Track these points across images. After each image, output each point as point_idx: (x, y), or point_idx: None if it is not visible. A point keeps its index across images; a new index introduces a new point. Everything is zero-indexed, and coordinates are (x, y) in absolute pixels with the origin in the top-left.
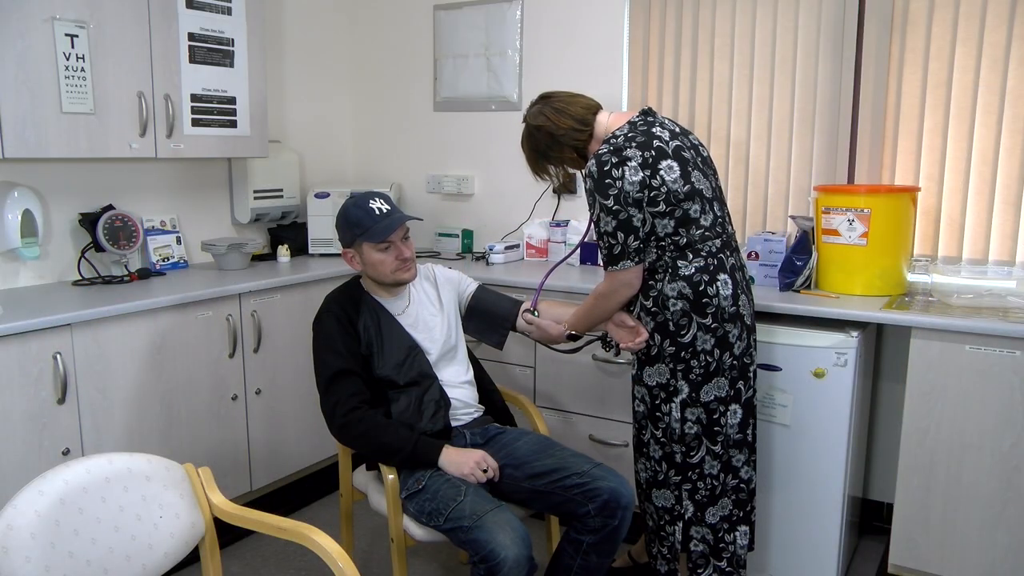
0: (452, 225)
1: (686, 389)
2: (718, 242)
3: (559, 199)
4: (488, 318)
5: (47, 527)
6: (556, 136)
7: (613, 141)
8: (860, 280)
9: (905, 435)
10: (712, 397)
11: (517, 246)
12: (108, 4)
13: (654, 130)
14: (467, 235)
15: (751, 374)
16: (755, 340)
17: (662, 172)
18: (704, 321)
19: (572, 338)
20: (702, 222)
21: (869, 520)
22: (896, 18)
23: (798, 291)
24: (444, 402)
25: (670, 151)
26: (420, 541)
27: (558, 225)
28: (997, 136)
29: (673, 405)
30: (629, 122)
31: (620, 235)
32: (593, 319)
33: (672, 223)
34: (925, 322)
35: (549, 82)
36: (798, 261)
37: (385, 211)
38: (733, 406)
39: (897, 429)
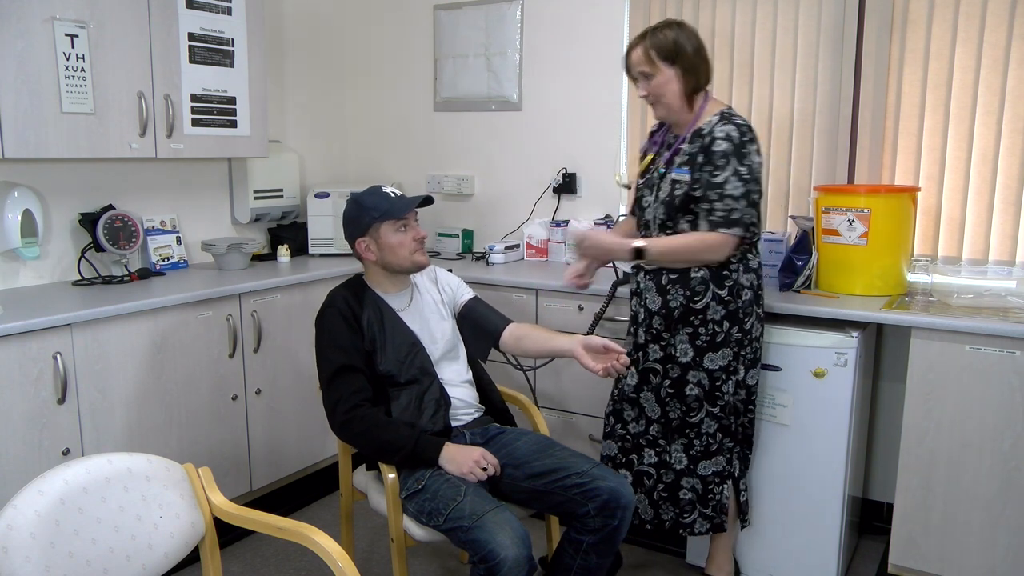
0: (452, 225)
1: (742, 372)
2: (759, 243)
3: (559, 199)
4: (476, 330)
5: (47, 527)
6: (700, 52)
7: (742, 119)
8: (860, 280)
9: (905, 435)
10: (755, 381)
11: (517, 246)
12: (108, 4)
13: None
14: (467, 235)
15: None
16: None
17: (760, 163)
18: (759, 311)
19: (635, 260)
20: (760, 224)
21: (869, 520)
22: (896, 18)
23: (798, 291)
24: (444, 401)
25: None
26: (420, 541)
27: (558, 225)
28: (997, 136)
29: (729, 383)
30: (730, 108)
31: (743, 202)
32: (677, 255)
33: (757, 216)
34: (925, 322)
35: (549, 82)
36: (798, 261)
37: (399, 194)
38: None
39: (897, 429)
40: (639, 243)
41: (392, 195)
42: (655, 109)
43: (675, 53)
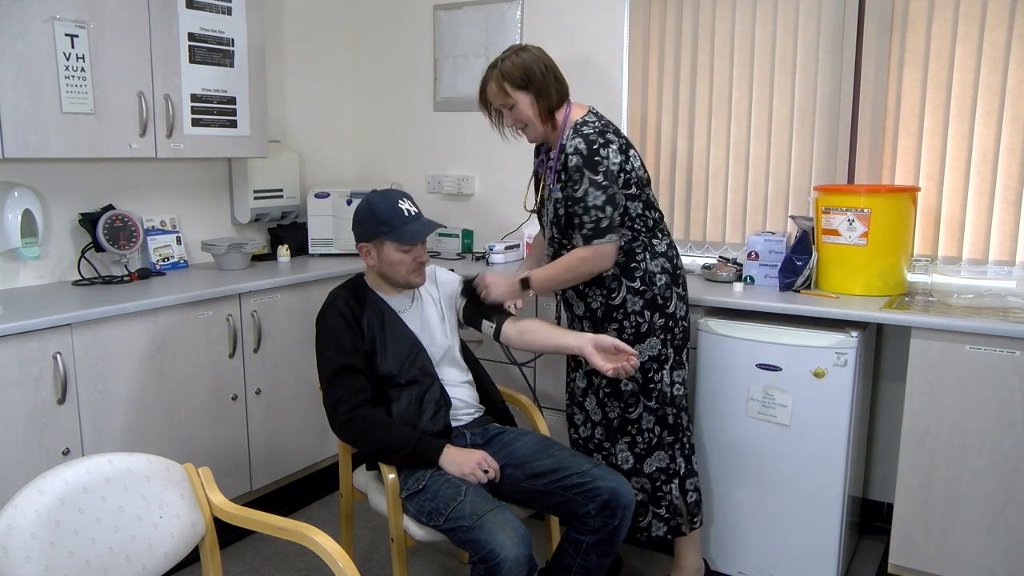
0: (452, 225)
1: (672, 355)
2: (664, 223)
3: None
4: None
5: (47, 527)
6: (551, 71)
7: (594, 124)
8: (860, 280)
9: (905, 435)
10: (687, 358)
11: (517, 246)
12: (108, 4)
13: (611, 122)
14: (467, 235)
15: None
16: None
17: (631, 159)
18: (679, 291)
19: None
20: (656, 205)
21: (869, 520)
22: (896, 18)
23: (798, 291)
24: (444, 401)
25: (629, 142)
26: (420, 541)
27: None
28: (997, 136)
29: (664, 372)
30: (594, 112)
31: (608, 209)
32: (560, 280)
33: (640, 205)
34: (925, 322)
35: None
36: (798, 261)
37: (414, 213)
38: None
39: (897, 429)
40: (524, 275)
41: (407, 213)
42: (527, 134)
43: (526, 79)
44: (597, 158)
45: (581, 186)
